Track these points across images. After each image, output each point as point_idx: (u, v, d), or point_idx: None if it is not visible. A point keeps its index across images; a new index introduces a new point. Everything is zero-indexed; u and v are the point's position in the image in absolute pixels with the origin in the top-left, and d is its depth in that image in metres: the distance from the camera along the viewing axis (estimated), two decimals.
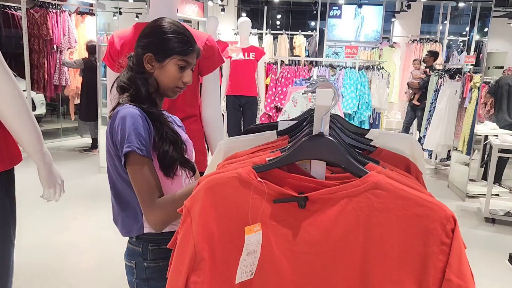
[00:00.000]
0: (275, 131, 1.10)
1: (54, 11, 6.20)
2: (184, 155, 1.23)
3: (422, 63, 6.97)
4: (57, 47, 6.26)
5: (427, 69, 6.58)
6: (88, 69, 5.89)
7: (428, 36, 9.11)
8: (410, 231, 0.75)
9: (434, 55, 6.79)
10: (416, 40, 8.88)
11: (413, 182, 0.83)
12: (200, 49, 1.67)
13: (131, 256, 1.22)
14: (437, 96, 5.84)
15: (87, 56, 6.01)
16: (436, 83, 5.96)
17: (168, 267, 0.91)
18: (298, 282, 0.83)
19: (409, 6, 8.69)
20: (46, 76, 6.19)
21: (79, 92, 6.32)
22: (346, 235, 0.79)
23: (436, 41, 8.79)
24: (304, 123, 1.06)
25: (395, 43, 8.98)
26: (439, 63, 6.98)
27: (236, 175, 0.83)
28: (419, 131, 6.54)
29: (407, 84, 6.80)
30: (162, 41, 1.22)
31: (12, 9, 6.15)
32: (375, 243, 0.77)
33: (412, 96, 6.56)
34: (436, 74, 6.13)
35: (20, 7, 5.73)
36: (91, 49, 5.90)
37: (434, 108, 5.83)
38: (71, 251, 2.95)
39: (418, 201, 0.74)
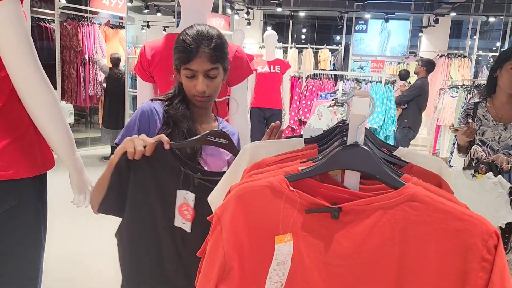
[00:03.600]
0: (302, 138, 1.09)
1: (85, 23, 6.39)
2: (195, 162, 1.19)
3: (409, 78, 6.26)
4: (89, 58, 6.44)
5: (406, 84, 5.91)
6: (112, 79, 6.20)
7: (456, 51, 8.97)
8: (449, 245, 0.72)
9: (426, 65, 5.63)
10: (443, 55, 8.76)
11: (451, 195, 0.81)
12: (229, 60, 1.69)
13: None
14: None
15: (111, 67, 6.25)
16: (465, 99, 5.83)
17: (197, 275, 0.90)
18: None
19: (437, 21, 8.60)
20: (75, 86, 6.36)
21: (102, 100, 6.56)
22: (381, 248, 0.76)
23: (464, 56, 8.64)
24: (334, 133, 1.05)
25: (422, 57, 8.87)
26: (468, 79, 6.84)
27: (267, 184, 0.82)
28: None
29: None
30: (174, 52, 1.25)
31: (46, 22, 6.38)
32: (411, 257, 0.75)
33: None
34: (465, 90, 6.01)
35: (53, 20, 5.93)
36: (114, 61, 6.15)
37: None
38: (95, 258, 2.98)
39: (458, 215, 0.72)
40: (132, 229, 1.11)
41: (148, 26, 9.69)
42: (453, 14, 8.33)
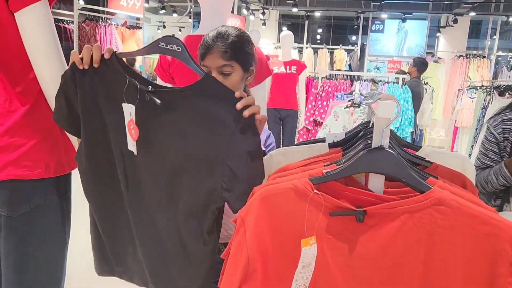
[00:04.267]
0: (326, 143, 1.09)
1: (103, 24, 6.48)
2: None
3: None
4: None
5: None
6: None
7: (475, 52, 8.83)
8: (476, 250, 0.71)
9: (418, 65, 5.47)
10: (462, 55, 8.63)
11: (477, 199, 0.80)
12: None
13: None
14: (485, 113, 5.62)
15: None
16: (484, 100, 5.74)
17: (220, 277, 0.91)
18: None
19: (455, 21, 8.47)
20: None
21: None
22: (406, 251, 0.76)
23: (483, 57, 8.50)
24: (358, 136, 1.04)
25: (439, 58, 8.76)
26: (487, 80, 6.73)
27: (292, 186, 0.82)
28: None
29: None
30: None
31: (64, 23, 6.48)
32: (437, 262, 0.74)
33: None
34: (484, 91, 5.91)
35: (72, 21, 6.03)
36: (130, 62, 6.36)
37: (481, 125, 5.60)
38: None
39: (485, 219, 0.71)
40: (88, 148, 1.07)
41: (164, 27, 9.78)
42: (472, 14, 8.20)
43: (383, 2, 7.93)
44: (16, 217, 1.14)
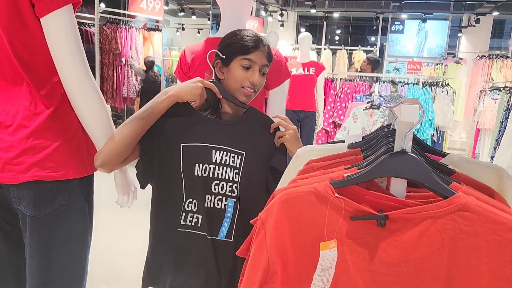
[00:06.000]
0: (346, 143, 1.09)
1: (123, 27, 6.57)
2: None
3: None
4: (125, 61, 6.63)
5: None
6: (149, 82, 6.57)
7: (498, 52, 8.63)
8: (502, 257, 0.70)
9: (372, 63, 5.52)
10: (484, 56, 8.45)
11: (504, 206, 0.78)
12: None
13: None
14: (508, 114, 5.49)
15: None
16: (507, 102, 5.61)
17: (240, 278, 0.91)
18: None
19: (477, 21, 8.30)
20: (115, 88, 6.56)
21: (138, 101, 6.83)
22: (429, 257, 0.75)
23: (507, 57, 8.30)
24: (376, 139, 1.03)
25: (461, 59, 8.59)
26: (510, 81, 6.57)
27: (312, 190, 0.82)
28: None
29: None
30: (227, 45, 1.27)
31: (86, 26, 6.60)
32: (461, 268, 0.73)
33: None
34: (508, 92, 5.78)
35: (93, 24, 6.13)
36: (148, 64, 6.52)
37: (505, 127, 5.47)
38: (136, 254, 3.06)
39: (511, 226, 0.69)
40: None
41: (183, 29, 9.85)
42: (495, 13, 8.03)
43: (403, 2, 7.84)
44: (40, 218, 1.17)
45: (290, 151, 1.25)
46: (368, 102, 4.00)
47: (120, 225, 3.61)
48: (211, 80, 1.28)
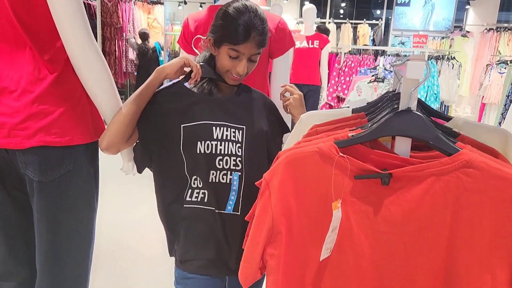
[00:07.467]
0: (350, 108, 1.08)
1: (124, 0, 6.48)
2: None
3: None
4: (125, 35, 6.58)
5: None
6: (141, 54, 6.55)
7: (506, 25, 8.46)
8: (505, 213, 0.70)
9: (323, 32, 5.31)
10: (492, 29, 8.29)
11: (508, 164, 0.78)
12: (272, 31, 1.68)
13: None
14: None
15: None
16: None
17: (245, 238, 0.93)
18: (377, 262, 0.81)
19: None
20: (117, 62, 6.53)
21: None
22: (432, 215, 0.76)
23: None
24: (381, 102, 1.03)
25: (468, 32, 8.44)
26: None
27: (317, 150, 0.82)
28: None
29: None
30: (219, 27, 1.19)
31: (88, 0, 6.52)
32: (464, 225, 0.74)
33: None
34: None
35: None
36: (142, 35, 6.55)
37: (511, 101, 5.43)
38: (144, 225, 3.11)
39: None
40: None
41: (185, 3, 9.69)
42: None
43: None
44: (47, 182, 1.18)
45: (294, 115, 1.25)
46: (373, 76, 3.97)
47: (125, 198, 3.65)
48: (200, 62, 1.26)
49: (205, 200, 1.18)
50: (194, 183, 1.18)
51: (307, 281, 0.86)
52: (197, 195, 1.18)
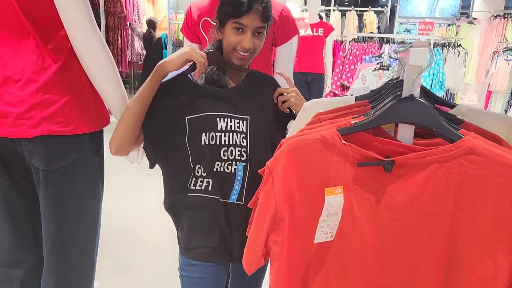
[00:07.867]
0: (353, 96, 1.08)
1: None
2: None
3: None
4: (129, 24, 6.56)
5: None
6: (147, 42, 6.56)
7: None
8: (507, 199, 0.71)
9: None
10: (499, 15, 8.17)
11: (511, 151, 0.78)
12: (275, 19, 1.67)
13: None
14: None
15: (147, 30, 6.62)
16: None
17: (248, 225, 0.94)
18: (379, 247, 0.82)
19: None
20: (121, 52, 6.52)
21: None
22: (434, 202, 0.76)
23: None
24: (385, 89, 1.02)
25: (474, 19, 8.33)
26: None
27: (319, 137, 0.82)
28: None
29: None
30: (221, 6, 1.21)
31: None
32: (466, 212, 0.74)
33: None
34: None
35: None
36: (149, 24, 6.55)
37: None
38: (149, 215, 3.13)
39: None
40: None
41: None
42: None
43: None
44: (52, 171, 1.19)
45: (298, 112, 1.25)
46: (378, 63, 3.94)
47: (131, 187, 3.68)
48: (207, 49, 1.25)
49: (209, 189, 1.18)
50: (198, 172, 1.19)
51: (310, 267, 0.87)
52: (201, 183, 1.19)
